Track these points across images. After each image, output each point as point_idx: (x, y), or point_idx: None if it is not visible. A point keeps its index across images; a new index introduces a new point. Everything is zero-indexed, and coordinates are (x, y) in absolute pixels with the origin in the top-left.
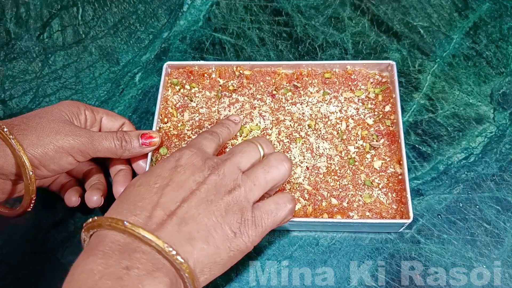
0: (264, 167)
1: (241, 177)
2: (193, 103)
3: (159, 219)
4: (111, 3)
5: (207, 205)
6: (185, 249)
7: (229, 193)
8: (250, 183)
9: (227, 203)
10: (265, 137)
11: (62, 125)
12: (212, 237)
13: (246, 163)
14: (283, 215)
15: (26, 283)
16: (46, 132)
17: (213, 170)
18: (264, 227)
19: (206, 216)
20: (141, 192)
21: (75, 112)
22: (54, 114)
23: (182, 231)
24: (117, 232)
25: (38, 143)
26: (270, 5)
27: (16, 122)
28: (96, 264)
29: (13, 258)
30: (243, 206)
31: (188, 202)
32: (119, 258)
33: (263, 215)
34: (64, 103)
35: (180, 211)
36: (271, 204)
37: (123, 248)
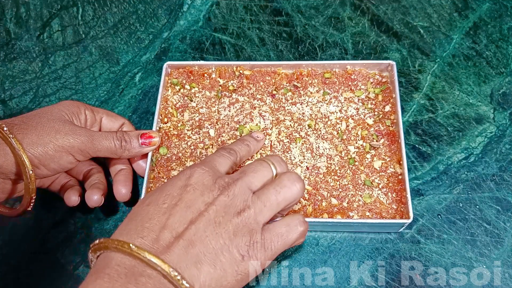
0: (275, 188)
1: (251, 198)
2: (193, 103)
3: (166, 242)
4: (111, 3)
5: (215, 227)
6: (192, 273)
7: (239, 214)
8: (261, 204)
9: (236, 225)
10: (279, 156)
11: (62, 124)
12: (219, 261)
13: (258, 183)
14: (294, 238)
15: (26, 283)
16: (46, 131)
17: (223, 191)
18: (274, 250)
19: (214, 238)
20: (149, 212)
21: (75, 112)
22: (54, 114)
23: (189, 254)
24: (123, 255)
25: (38, 142)
26: (270, 5)
27: (16, 122)
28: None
29: (13, 258)
30: (252, 228)
31: (196, 223)
32: (125, 281)
33: (273, 237)
34: (64, 103)
35: (188, 233)
36: (282, 227)
37: (129, 272)
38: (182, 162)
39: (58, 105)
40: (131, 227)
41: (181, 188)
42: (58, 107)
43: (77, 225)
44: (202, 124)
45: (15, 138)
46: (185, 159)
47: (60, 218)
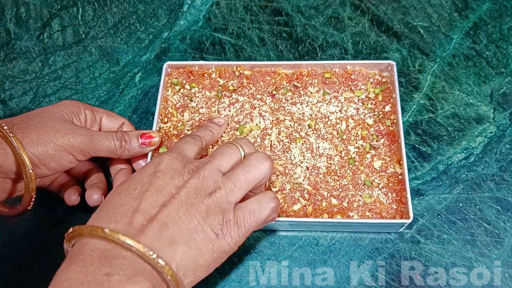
0: (244, 168)
1: (221, 179)
2: (193, 103)
3: (139, 225)
4: (111, 3)
5: (188, 208)
6: (167, 253)
7: (210, 195)
8: (231, 184)
9: (208, 206)
10: (246, 138)
11: (62, 124)
12: (194, 240)
13: (227, 164)
14: (266, 214)
15: (26, 283)
16: (46, 131)
17: (193, 174)
18: (247, 227)
19: (187, 219)
20: (121, 199)
21: (75, 112)
22: (54, 113)
23: (163, 235)
24: (97, 240)
25: (38, 141)
26: (270, 5)
27: (16, 121)
28: (76, 273)
29: (13, 258)
30: (224, 208)
31: (168, 206)
32: (99, 265)
33: (245, 215)
34: (64, 102)
35: (160, 216)
36: (253, 204)
37: (103, 255)
38: None
39: (58, 105)
40: (103, 215)
41: (150, 175)
42: (58, 107)
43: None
44: (202, 124)
45: (15, 137)
46: None
47: (60, 218)
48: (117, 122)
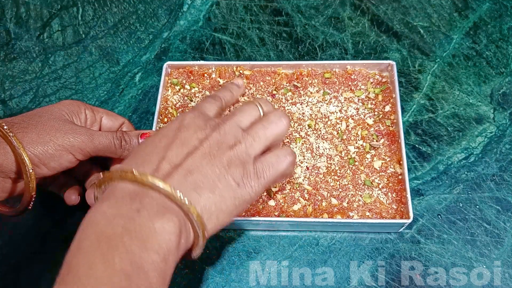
0: (263, 124)
1: (241, 134)
2: (193, 103)
3: (166, 171)
4: (111, 3)
5: (210, 159)
6: (192, 196)
7: (231, 148)
8: (251, 138)
9: (229, 158)
10: (264, 98)
11: (62, 124)
12: (217, 187)
13: (246, 121)
14: (284, 166)
15: (26, 283)
16: (46, 130)
17: (215, 128)
18: (266, 178)
19: (210, 168)
20: (148, 149)
21: (75, 111)
22: (54, 113)
23: (188, 180)
24: (127, 182)
25: (38, 141)
26: (270, 5)
27: (16, 120)
28: (109, 207)
29: (13, 258)
30: (244, 160)
31: (192, 156)
32: (130, 202)
33: (264, 167)
34: (64, 102)
35: (185, 164)
36: (272, 157)
37: (133, 194)
38: None
39: (58, 105)
40: (131, 163)
41: (175, 129)
42: (58, 106)
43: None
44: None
45: (15, 136)
46: None
47: (60, 218)
48: (117, 122)
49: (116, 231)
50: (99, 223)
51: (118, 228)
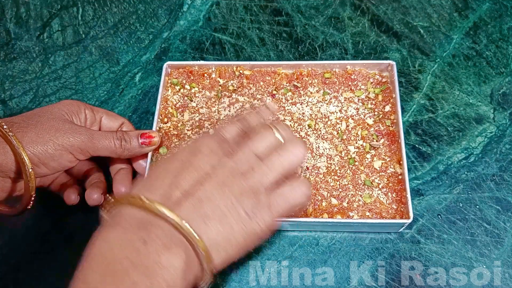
0: (279, 152)
1: (256, 161)
2: (193, 103)
3: (175, 198)
4: (111, 3)
5: (222, 187)
6: (201, 227)
7: (244, 177)
8: (265, 167)
9: (241, 187)
10: (284, 123)
11: (62, 123)
12: (226, 218)
13: (262, 148)
14: (298, 199)
15: (26, 283)
16: (46, 130)
17: (229, 155)
18: (279, 210)
19: (221, 198)
20: (159, 174)
21: (75, 111)
22: (54, 113)
23: (198, 210)
24: (135, 208)
25: (37, 140)
26: (270, 5)
27: (16, 120)
28: (114, 236)
29: (13, 258)
30: (257, 190)
31: (203, 184)
32: (137, 231)
33: (277, 198)
34: (64, 102)
35: (196, 192)
36: (286, 188)
37: (140, 223)
38: None
39: (58, 104)
40: (141, 187)
41: (189, 153)
42: (58, 106)
43: (77, 225)
44: (202, 124)
45: (14, 136)
46: None
47: (60, 218)
48: (117, 122)
49: (122, 264)
50: (105, 255)
51: (124, 261)
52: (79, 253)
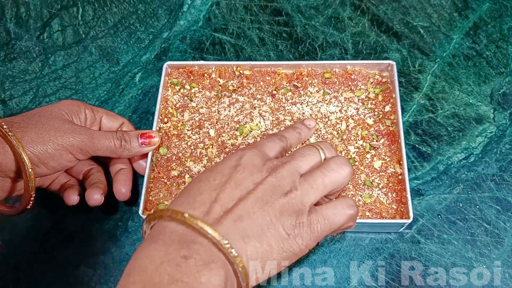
0: (323, 171)
1: (298, 180)
2: (193, 103)
3: (216, 214)
4: (111, 3)
5: (262, 205)
6: (239, 245)
7: (285, 195)
8: (308, 186)
9: (283, 205)
10: (328, 142)
11: (61, 123)
12: (265, 236)
13: (306, 166)
14: (341, 220)
15: (26, 283)
16: (46, 129)
17: (271, 172)
18: (320, 231)
19: (261, 215)
20: (201, 187)
21: (75, 111)
22: (54, 113)
23: (237, 227)
24: (176, 224)
25: (37, 140)
26: (270, 5)
27: (16, 120)
28: (157, 251)
29: (13, 258)
30: (298, 209)
31: (244, 200)
32: (178, 247)
33: (319, 218)
34: (64, 102)
35: (236, 209)
36: (328, 209)
37: (181, 239)
38: (182, 162)
39: (58, 104)
40: (183, 200)
41: (231, 167)
42: (58, 106)
43: (77, 225)
44: (202, 124)
45: (14, 136)
46: (185, 159)
47: (60, 218)
48: (117, 122)
49: (163, 279)
50: (146, 269)
51: (165, 276)
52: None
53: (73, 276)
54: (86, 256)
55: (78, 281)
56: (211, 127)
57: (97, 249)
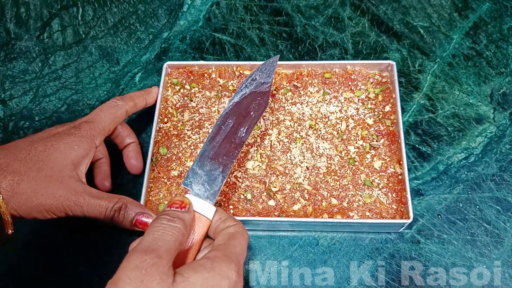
0: None
1: None
2: (193, 103)
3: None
4: (111, 3)
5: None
6: None
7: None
8: None
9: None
10: None
11: (57, 187)
12: None
13: None
14: None
15: (26, 283)
16: (37, 196)
17: None
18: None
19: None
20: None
21: (83, 155)
22: (58, 164)
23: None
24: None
25: (26, 202)
26: (270, 5)
27: (13, 168)
28: None
29: (13, 258)
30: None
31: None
32: None
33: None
34: (73, 142)
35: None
36: None
37: None
38: (182, 162)
39: (66, 147)
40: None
41: None
42: (65, 152)
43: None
44: (202, 124)
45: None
46: (185, 159)
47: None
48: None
49: None
50: None
51: None
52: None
53: (73, 276)
54: (86, 256)
55: (78, 281)
56: (211, 127)
57: (97, 249)
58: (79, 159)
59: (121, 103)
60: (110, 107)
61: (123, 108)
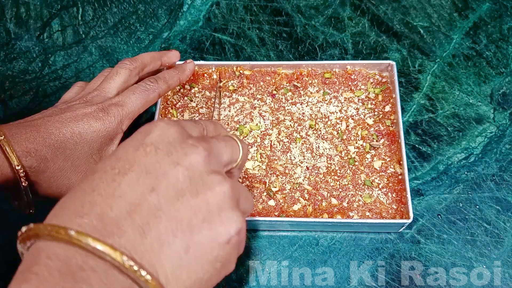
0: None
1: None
2: (193, 103)
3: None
4: (111, 3)
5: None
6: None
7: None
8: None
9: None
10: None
11: (79, 180)
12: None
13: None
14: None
15: None
16: (58, 185)
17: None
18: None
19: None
20: (94, 182)
21: (107, 142)
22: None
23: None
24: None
25: (45, 191)
26: (270, 5)
27: (45, 151)
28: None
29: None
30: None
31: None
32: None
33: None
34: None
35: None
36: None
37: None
38: None
39: (93, 133)
40: (69, 205)
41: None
42: (91, 138)
43: None
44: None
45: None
46: None
47: None
48: None
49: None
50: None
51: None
52: None
53: None
54: None
55: None
56: None
57: None
58: (104, 146)
59: (154, 85)
60: (143, 90)
61: (155, 92)
